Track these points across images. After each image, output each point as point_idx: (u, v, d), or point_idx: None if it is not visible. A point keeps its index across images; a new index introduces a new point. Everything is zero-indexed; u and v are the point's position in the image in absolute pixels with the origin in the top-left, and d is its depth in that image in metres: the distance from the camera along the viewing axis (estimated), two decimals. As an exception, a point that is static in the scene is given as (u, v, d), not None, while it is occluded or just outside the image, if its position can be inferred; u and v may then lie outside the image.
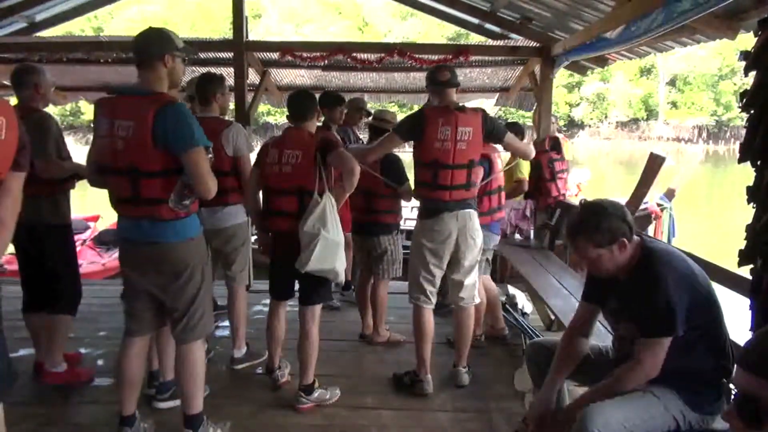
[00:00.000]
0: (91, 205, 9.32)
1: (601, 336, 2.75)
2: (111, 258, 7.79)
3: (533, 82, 6.15)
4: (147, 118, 2.28)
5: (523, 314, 4.49)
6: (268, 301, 4.85)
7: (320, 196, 2.92)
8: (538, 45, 5.60)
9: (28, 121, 2.93)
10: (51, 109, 3.36)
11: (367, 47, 6.10)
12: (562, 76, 35.33)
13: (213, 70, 4.42)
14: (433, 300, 3.37)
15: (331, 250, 2.93)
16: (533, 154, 3.59)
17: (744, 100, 2.13)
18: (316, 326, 3.14)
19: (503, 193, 4.01)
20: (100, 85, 6.79)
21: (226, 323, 3.94)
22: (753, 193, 2.09)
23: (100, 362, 3.78)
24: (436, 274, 3.31)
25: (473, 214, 3.28)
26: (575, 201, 6.97)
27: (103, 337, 4.13)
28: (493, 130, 3.23)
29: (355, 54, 5.63)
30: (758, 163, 2.08)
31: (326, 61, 5.90)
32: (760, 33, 2.09)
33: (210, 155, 2.48)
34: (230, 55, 5.56)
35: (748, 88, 2.13)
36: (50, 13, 5.99)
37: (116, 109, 2.37)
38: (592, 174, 8.14)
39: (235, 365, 3.66)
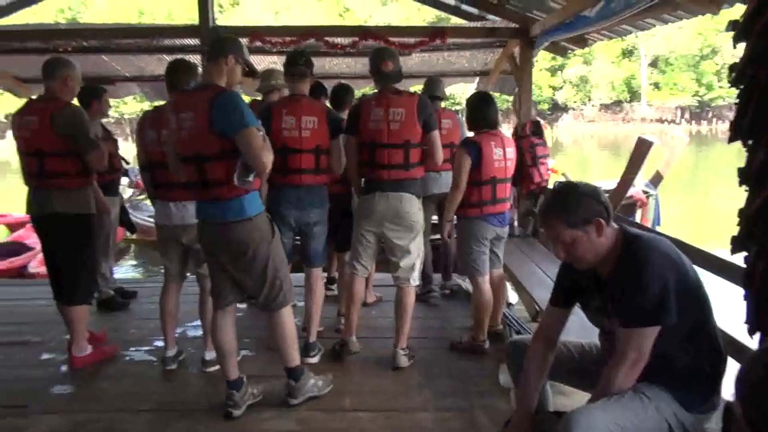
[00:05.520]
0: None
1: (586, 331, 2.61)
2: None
3: (513, 64, 5.99)
4: (205, 108, 2.51)
5: (508, 305, 4.36)
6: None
7: None
8: (516, 26, 5.42)
9: (62, 114, 3.21)
10: (21, 102, 3.42)
11: (339, 31, 5.88)
12: (544, 59, 35.26)
13: (180, 57, 4.22)
14: (367, 269, 3.54)
15: None
16: (439, 164, 3.48)
17: (733, 75, 1.97)
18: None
19: (507, 185, 3.63)
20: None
21: (198, 322, 3.74)
22: (745, 175, 1.94)
23: (63, 368, 3.58)
24: (368, 248, 3.47)
25: (406, 197, 3.34)
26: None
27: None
28: (427, 120, 3.30)
29: (327, 38, 5.41)
30: (749, 142, 1.93)
31: (298, 46, 5.68)
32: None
33: (261, 131, 2.64)
34: (197, 41, 5.32)
35: (737, 62, 1.98)
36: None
37: (179, 104, 2.64)
38: (576, 158, 8.03)
39: (207, 368, 3.48)
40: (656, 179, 6.90)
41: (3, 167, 30.13)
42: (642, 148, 4.52)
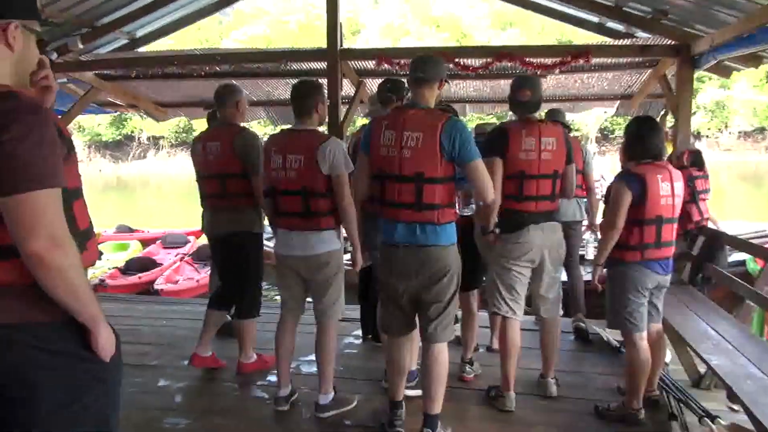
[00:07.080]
0: (192, 219, 9.38)
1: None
2: (205, 275, 7.72)
3: (665, 86, 5.33)
4: (435, 131, 2.54)
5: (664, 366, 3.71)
6: (359, 332, 4.46)
7: None
8: (673, 43, 4.79)
9: (241, 138, 3.39)
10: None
11: (471, 52, 5.50)
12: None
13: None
14: (518, 312, 3.30)
15: None
16: (571, 197, 3.52)
17: None
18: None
19: (673, 226, 3.09)
20: (196, 101, 6.71)
21: (313, 357, 3.49)
22: None
23: (177, 398, 3.47)
24: (525, 285, 3.30)
25: (558, 227, 3.31)
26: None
27: (184, 367, 3.74)
28: (569, 150, 3.24)
29: (457, 60, 5.07)
30: None
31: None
32: None
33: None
34: (323, 65, 5.21)
35: None
36: (151, 28, 5.97)
37: (405, 122, 2.60)
38: (711, 191, 6.98)
39: (321, 413, 3.19)
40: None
41: (143, 185, 32.99)
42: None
